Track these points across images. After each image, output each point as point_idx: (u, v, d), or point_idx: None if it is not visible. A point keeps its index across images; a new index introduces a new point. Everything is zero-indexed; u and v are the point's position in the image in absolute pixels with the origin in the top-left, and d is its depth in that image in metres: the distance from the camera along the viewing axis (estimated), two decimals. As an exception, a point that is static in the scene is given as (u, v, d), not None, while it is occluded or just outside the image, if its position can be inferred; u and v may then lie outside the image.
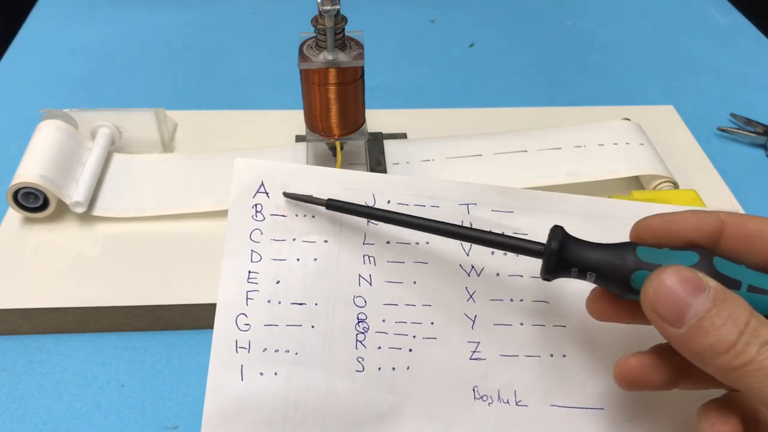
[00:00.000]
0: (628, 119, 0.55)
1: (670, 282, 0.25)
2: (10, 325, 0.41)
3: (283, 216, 0.34)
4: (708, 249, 0.27)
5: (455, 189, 0.34)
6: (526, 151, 0.51)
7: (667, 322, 0.25)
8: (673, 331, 0.25)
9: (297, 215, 0.34)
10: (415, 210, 0.34)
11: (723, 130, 0.60)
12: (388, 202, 0.34)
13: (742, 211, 0.49)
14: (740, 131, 0.59)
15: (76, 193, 0.46)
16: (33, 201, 0.45)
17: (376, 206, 0.33)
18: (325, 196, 0.33)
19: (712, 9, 0.81)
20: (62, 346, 0.41)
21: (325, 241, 0.34)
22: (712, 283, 0.25)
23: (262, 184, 0.34)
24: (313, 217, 0.34)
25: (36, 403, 0.38)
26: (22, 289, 0.42)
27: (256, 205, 0.34)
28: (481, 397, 0.33)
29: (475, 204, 0.34)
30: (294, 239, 0.33)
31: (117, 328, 0.42)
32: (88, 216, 0.46)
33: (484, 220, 0.34)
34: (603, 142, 0.52)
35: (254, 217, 0.33)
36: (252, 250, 0.33)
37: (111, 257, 0.44)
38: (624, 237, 0.29)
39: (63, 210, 0.46)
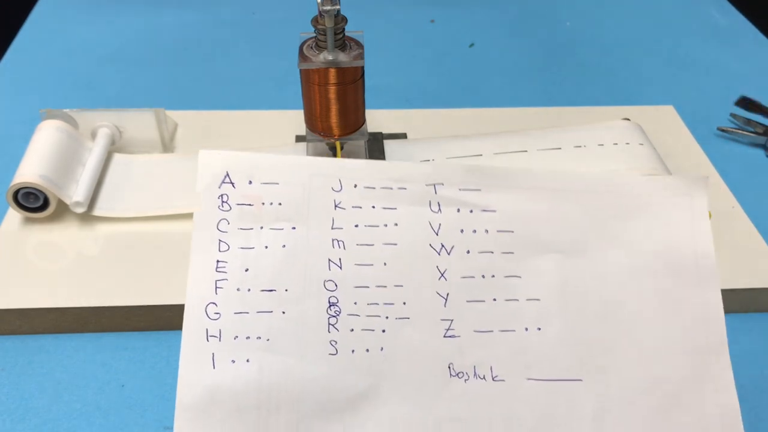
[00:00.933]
0: (628, 119, 0.55)
1: None
2: (10, 325, 0.41)
3: (250, 205, 0.34)
4: None
5: (421, 170, 0.35)
6: (526, 151, 0.51)
7: None
8: None
9: (264, 203, 0.34)
10: (383, 192, 0.34)
11: (723, 130, 0.60)
12: (355, 186, 0.34)
13: (741, 211, 0.49)
14: (740, 131, 0.59)
15: (76, 193, 0.46)
16: (33, 201, 0.45)
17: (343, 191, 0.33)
18: (290, 185, 0.33)
19: (712, 9, 0.81)
20: (62, 346, 0.41)
21: (293, 228, 0.34)
22: None
23: (227, 174, 0.34)
24: (280, 204, 0.34)
25: (36, 403, 0.38)
26: (21, 289, 0.42)
27: (222, 195, 0.34)
28: (457, 374, 0.33)
29: (442, 184, 0.35)
30: (261, 227, 0.34)
31: (117, 328, 0.42)
32: (88, 216, 0.46)
33: (451, 198, 0.34)
34: (603, 142, 0.52)
35: (220, 207, 0.34)
36: (219, 240, 0.33)
37: (111, 257, 0.44)
38: (597, 211, 0.29)
39: (63, 210, 0.46)
